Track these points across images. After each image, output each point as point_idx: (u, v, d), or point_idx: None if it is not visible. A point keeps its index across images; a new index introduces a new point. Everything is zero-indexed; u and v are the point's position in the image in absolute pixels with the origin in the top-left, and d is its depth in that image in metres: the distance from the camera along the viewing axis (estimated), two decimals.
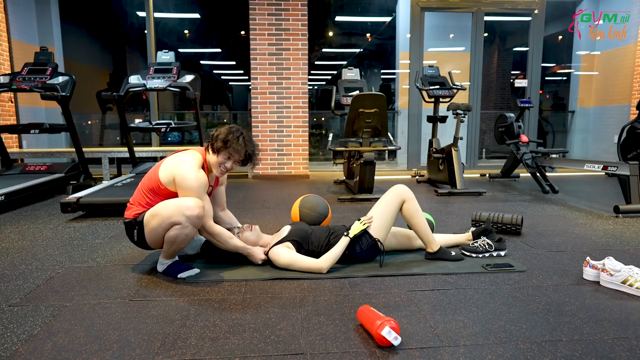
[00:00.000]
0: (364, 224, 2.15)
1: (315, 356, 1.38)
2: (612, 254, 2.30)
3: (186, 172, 1.98)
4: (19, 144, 5.84)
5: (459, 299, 1.80)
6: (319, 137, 7.80)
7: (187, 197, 1.97)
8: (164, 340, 1.48)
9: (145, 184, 2.08)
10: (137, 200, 2.09)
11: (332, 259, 2.08)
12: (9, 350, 1.42)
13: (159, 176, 2.03)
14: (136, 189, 2.14)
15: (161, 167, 2.07)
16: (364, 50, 8.27)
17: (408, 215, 2.23)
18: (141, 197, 2.08)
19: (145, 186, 2.08)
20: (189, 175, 1.98)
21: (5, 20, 5.53)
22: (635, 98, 6.13)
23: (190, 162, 2.02)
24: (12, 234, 2.89)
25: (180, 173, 1.98)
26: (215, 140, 2.07)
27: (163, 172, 2.03)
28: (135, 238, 2.08)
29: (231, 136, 2.06)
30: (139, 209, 2.07)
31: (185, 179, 1.97)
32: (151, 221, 1.98)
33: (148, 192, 2.05)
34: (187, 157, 2.06)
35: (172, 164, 2.04)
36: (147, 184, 2.07)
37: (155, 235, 2.01)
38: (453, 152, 4.39)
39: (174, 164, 2.03)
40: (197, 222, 1.95)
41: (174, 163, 2.04)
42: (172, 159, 2.08)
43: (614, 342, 1.45)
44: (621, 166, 3.44)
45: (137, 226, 2.05)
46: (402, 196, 2.22)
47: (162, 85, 4.30)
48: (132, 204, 2.11)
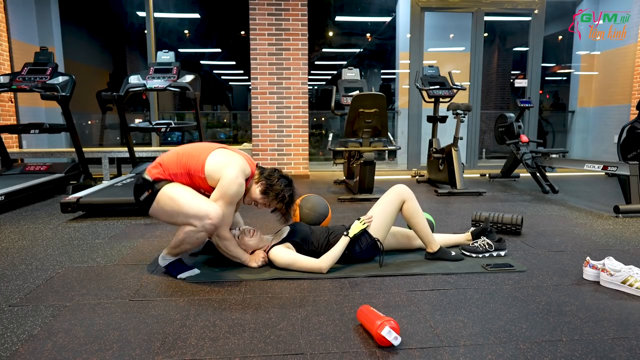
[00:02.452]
0: (363, 223, 2.15)
1: (315, 356, 1.38)
2: (612, 254, 2.30)
3: (233, 179, 1.94)
4: (19, 144, 5.84)
5: (459, 299, 1.80)
6: (319, 137, 7.80)
7: (212, 203, 1.93)
8: (164, 340, 1.48)
9: (185, 159, 2.01)
10: (168, 166, 2.01)
11: (332, 259, 2.08)
12: (9, 350, 1.42)
13: (205, 165, 1.98)
14: (173, 154, 2.05)
15: (212, 156, 2.00)
16: (364, 50, 8.27)
17: (408, 215, 2.23)
18: (174, 166, 2.00)
19: (184, 161, 2.00)
20: (233, 183, 1.94)
21: (5, 20, 5.53)
22: (635, 98, 6.13)
23: (240, 170, 1.98)
24: (12, 234, 2.89)
25: (227, 176, 1.94)
26: (270, 188, 2.08)
27: (211, 165, 1.98)
28: (141, 198, 2.01)
29: (285, 194, 2.11)
30: (163, 175, 2.00)
31: (228, 185, 1.94)
32: (168, 202, 1.94)
33: (184, 168, 2.00)
34: (241, 163, 2.01)
35: (225, 162, 1.98)
36: (188, 162, 2.00)
37: (162, 215, 1.99)
38: (453, 152, 4.39)
39: (226, 163, 1.98)
40: (212, 230, 1.94)
41: (226, 162, 1.99)
42: (227, 156, 2.02)
43: (614, 342, 1.45)
44: (621, 166, 3.44)
45: (150, 189, 1.98)
46: (402, 196, 2.22)
47: (162, 85, 4.31)
48: (160, 165, 2.03)
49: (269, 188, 2.08)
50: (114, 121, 7.29)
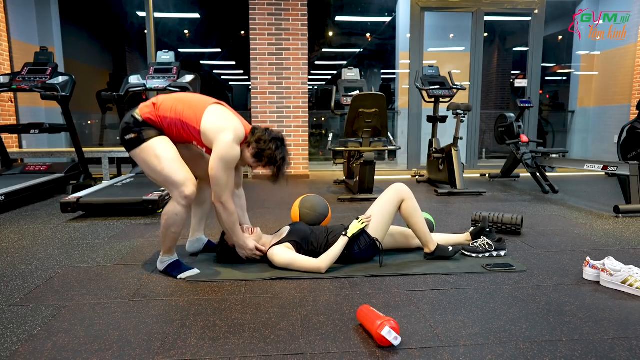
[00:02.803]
0: (362, 222, 2.15)
1: (315, 356, 1.38)
2: (612, 254, 2.30)
3: (228, 145, 1.94)
4: (19, 144, 5.84)
5: (459, 299, 1.80)
6: (319, 137, 7.80)
7: (191, 177, 1.96)
8: (164, 340, 1.48)
9: (181, 108, 2.00)
10: (162, 109, 1.99)
11: (330, 259, 2.08)
12: (9, 350, 1.42)
13: (202, 122, 1.97)
14: (170, 99, 2.04)
15: (209, 113, 1.99)
16: (364, 50, 8.27)
17: (407, 214, 2.23)
18: (168, 111, 1.99)
19: (180, 109, 1.99)
20: (229, 148, 1.94)
21: (5, 20, 5.53)
22: (635, 98, 6.14)
23: (235, 135, 1.97)
24: (12, 234, 2.89)
25: (222, 141, 1.94)
26: (262, 152, 2.05)
27: (208, 124, 1.97)
28: (126, 137, 1.97)
29: (277, 156, 2.09)
30: (154, 117, 1.98)
31: (224, 150, 1.93)
32: (153, 159, 1.95)
33: (178, 115, 1.98)
34: (236, 126, 2.00)
35: (221, 125, 1.97)
36: (184, 111, 1.99)
37: (142, 164, 1.99)
38: (453, 152, 4.39)
39: (222, 127, 1.96)
40: (185, 203, 1.94)
41: (222, 125, 1.97)
42: (223, 118, 2.01)
43: (614, 342, 1.45)
44: (621, 166, 3.44)
45: (137, 134, 1.95)
46: (401, 195, 2.22)
47: (162, 85, 4.31)
48: (154, 105, 2.00)
49: (260, 152, 2.05)
50: (114, 121, 7.29)
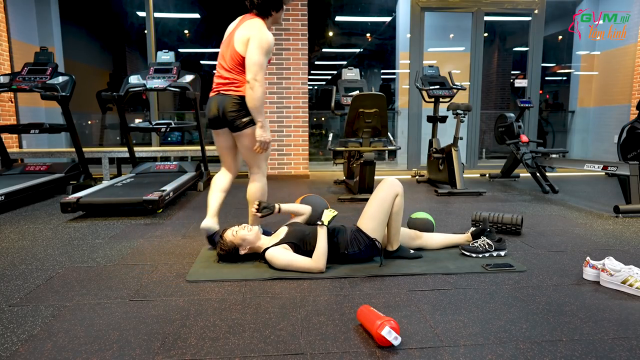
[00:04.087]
0: (331, 210, 2.17)
1: (315, 356, 1.38)
2: (612, 254, 2.30)
3: (259, 30, 2.32)
4: (19, 144, 5.83)
5: (459, 299, 1.80)
6: (319, 137, 7.80)
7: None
8: (164, 340, 1.48)
9: (229, 61, 2.37)
10: (239, 79, 2.35)
11: (321, 254, 2.07)
12: (9, 350, 1.42)
13: (239, 49, 2.33)
14: (222, 74, 2.40)
15: (237, 43, 2.34)
16: (364, 50, 8.26)
17: (395, 210, 2.23)
18: (241, 73, 2.34)
19: (230, 63, 2.36)
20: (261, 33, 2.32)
21: (5, 20, 5.53)
22: (635, 98, 6.13)
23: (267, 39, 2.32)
24: (12, 234, 2.89)
25: (255, 33, 2.31)
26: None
27: (242, 48, 2.32)
28: (244, 120, 2.35)
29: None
30: (241, 86, 2.34)
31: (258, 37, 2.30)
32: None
33: (238, 67, 2.35)
34: (265, 33, 2.33)
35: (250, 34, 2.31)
36: (231, 58, 2.35)
37: (248, 143, 2.40)
38: (453, 152, 4.39)
39: (251, 35, 2.30)
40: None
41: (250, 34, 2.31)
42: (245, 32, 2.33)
43: (614, 342, 1.45)
44: (621, 166, 3.44)
45: (244, 111, 2.34)
46: (395, 189, 2.22)
47: (162, 85, 4.31)
48: (235, 82, 2.35)
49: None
50: (114, 121, 7.29)
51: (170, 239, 2.75)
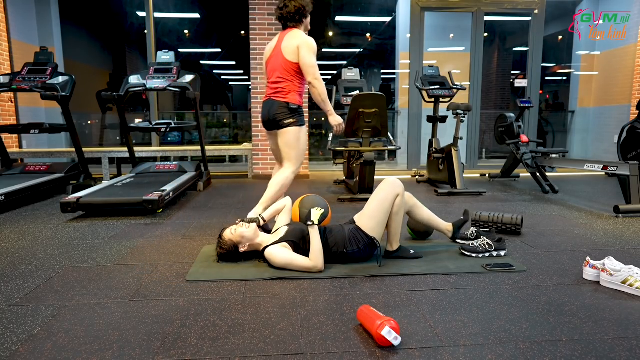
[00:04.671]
0: (319, 209, 2.18)
1: (315, 356, 1.38)
2: (612, 254, 2.30)
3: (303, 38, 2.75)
4: (19, 144, 5.84)
5: (459, 299, 1.80)
6: (319, 137, 7.80)
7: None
8: (164, 340, 1.48)
9: (279, 70, 2.76)
10: (287, 87, 2.76)
11: (317, 254, 2.06)
12: (9, 350, 1.42)
13: (291, 59, 2.74)
14: (273, 80, 2.80)
15: (287, 52, 2.74)
16: (364, 50, 8.26)
17: (395, 210, 2.23)
18: (297, 83, 2.78)
19: (281, 71, 2.76)
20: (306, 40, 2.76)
21: (5, 20, 5.53)
22: (635, 98, 6.13)
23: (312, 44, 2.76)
24: (12, 234, 2.89)
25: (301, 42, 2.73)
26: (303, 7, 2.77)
27: (292, 56, 2.74)
28: (287, 121, 2.75)
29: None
30: (293, 95, 2.77)
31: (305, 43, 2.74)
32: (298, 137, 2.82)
33: (289, 73, 2.76)
34: (309, 40, 2.75)
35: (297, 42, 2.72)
36: (282, 67, 2.76)
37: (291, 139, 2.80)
38: (453, 152, 4.39)
39: (299, 43, 2.72)
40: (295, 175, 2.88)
41: (297, 42, 2.72)
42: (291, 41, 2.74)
43: (614, 342, 1.45)
44: (621, 166, 3.44)
45: (295, 115, 2.76)
46: (397, 190, 2.22)
47: (162, 85, 4.31)
48: (285, 90, 2.76)
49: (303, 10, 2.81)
50: (114, 121, 7.29)
51: (170, 239, 2.75)
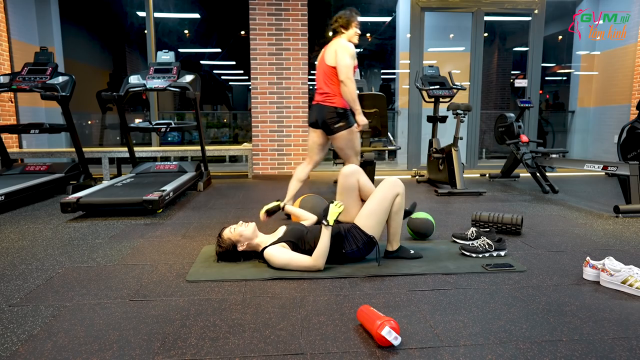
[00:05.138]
0: (339, 206, 2.09)
1: (315, 356, 1.38)
2: (612, 254, 2.30)
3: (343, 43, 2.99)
4: (19, 144, 5.84)
5: (459, 299, 1.80)
6: None
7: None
8: (164, 340, 1.48)
9: (323, 76, 3.02)
10: (332, 91, 2.98)
11: (321, 253, 2.06)
12: (9, 350, 1.42)
13: (331, 64, 2.97)
14: (320, 86, 3.05)
15: (328, 58, 2.99)
16: (364, 50, 8.26)
17: (395, 209, 2.22)
18: (333, 83, 2.98)
19: (324, 77, 3.02)
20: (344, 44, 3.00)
21: (5, 20, 5.54)
22: (635, 98, 6.14)
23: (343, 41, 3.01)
24: (12, 234, 2.89)
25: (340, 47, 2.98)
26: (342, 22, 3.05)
27: (332, 61, 2.97)
28: (338, 125, 2.99)
29: (349, 13, 3.06)
30: (339, 98, 2.98)
31: (343, 48, 2.97)
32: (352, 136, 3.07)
33: (330, 78, 2.99)
34: (346, 44, 2.98)
35: (335, 47, 2.98)
36: (324, 73, 3.01)
37: (346, 139, 3.04)
38: (453, 152, 4.39)
39: (336, 47, 2.97)
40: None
41: (335, 47, 2.97)
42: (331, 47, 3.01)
43: (614, 342, 1.45)
44: (621, 166, 3.44)
45: (344, 118, 3.00)
46: (397, 189, 2.22)
47: (162, 85, 4.31)
48: (330, 94, 2.99)
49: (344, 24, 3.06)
50: (114, 121, 7.29)
51: (170, 239, 2.75)
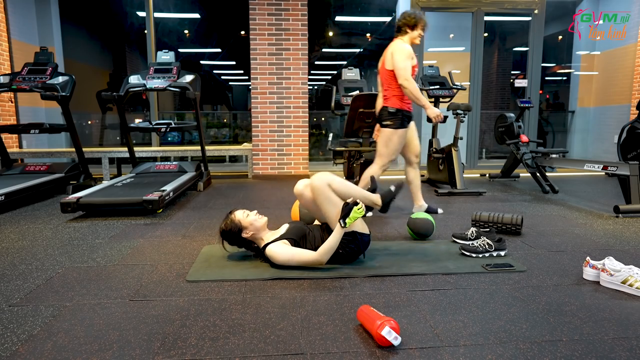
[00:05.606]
0: (360, 210, 2.04)
1: (315, 356, 1.38)
2: (612, 254, 2.30)
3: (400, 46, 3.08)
4: (19, 144, 5.84)
5: (459, 299, 1.80)
6: (318, 137, 7.80)
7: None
8: (164, 340, 1.48)
9: (382, 78, 3.18)
10: (388, 93, 3.15)
11: (328, 250, 2.07)
12: (9, 350, 1.42)
13: (388, 68, 3.10)
14: (380, 88, 3.24)
15: (386, 63, 3.12)
16: (364, 50, 8.26)
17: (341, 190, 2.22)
18: (395, 88, 3.11)
19: (383, 79, 3.18)
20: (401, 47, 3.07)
21: (5, 20, 5.53)
22: (635, 98, 6.13)
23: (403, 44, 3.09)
24: (12, 234, 2.89)
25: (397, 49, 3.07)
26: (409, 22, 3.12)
27: (389, 65, 3.09)
28: (385, 122, 3.18)
29: (419, 14, 3.16)
30: (392, 100, 3.15)
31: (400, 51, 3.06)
32: (394, 138, 3.21)
33: (387, 81, 3.14)
34: (402, 46, 3.07)
35: (392, 49, 3.09)
36: (383, 76, 3.17)
37: (389, 139, 3.20)
38: (453, 152, 4.39)
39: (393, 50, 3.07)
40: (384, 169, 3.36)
41: (392, 50, 3.08)
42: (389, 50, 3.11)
43: (614, 342, 1.45)
44: (621, 166, 3.44)
45: (393, 118, 3.15)
46: (324, 181, 2.17)
47: (162, 85, 4.31)
48: (387, 96, 3.17)
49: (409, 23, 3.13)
50: (114, 121, 7.29)
51: (170, 239, 2.75)
